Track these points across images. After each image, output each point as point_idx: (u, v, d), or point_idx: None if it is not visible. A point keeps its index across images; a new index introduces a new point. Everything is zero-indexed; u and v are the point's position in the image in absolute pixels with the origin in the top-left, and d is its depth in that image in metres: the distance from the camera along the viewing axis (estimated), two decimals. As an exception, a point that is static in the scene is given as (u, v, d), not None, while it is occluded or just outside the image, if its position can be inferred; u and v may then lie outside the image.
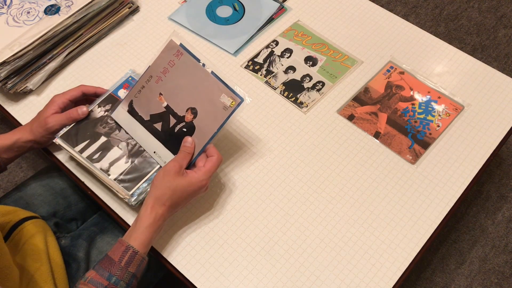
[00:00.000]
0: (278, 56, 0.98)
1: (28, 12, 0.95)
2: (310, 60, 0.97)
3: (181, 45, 0.76)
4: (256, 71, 0.96)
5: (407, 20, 1.05)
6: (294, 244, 0.77)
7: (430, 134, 0.88)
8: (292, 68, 0.96)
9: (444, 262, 1.31)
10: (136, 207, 0.78)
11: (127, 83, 0.85)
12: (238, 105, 0.72)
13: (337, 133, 0.88)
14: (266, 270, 0.74)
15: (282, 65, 0.96)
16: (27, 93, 0.93)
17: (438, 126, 0.89)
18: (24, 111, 0.91)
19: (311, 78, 0.95)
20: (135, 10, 1.04)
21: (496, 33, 1.74)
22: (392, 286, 0.73)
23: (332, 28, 1.02)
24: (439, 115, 0.90)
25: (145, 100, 0.78)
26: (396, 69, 0.96)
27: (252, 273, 0.74)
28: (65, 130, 0.80)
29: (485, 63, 0.98)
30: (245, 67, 0.96)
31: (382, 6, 1.07)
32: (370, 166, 0.84)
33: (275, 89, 0.93)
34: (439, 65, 0.97)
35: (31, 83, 0.91)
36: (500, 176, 1.44)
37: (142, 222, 0.68)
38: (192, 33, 1.02)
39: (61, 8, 0.94)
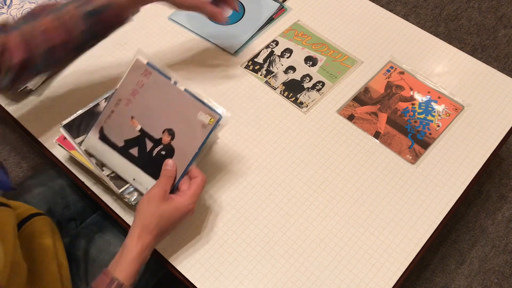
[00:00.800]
0: (278, 56, 0.98)
1: (28, 12, 0.95)
2: (310, 60, 0.97)
3: (148, 63, 0.72)
4: (256, 71, 0.96)
5: (407, 20, 1.05)
6: (294, 244, 0.77)
7: (430, 134, 0.88)
8: (292, 68, 0.96)
9: (444, 262, 1.31)
10: (136, 207, 0.78)
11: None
12: (217, 121, 0.70)
13: (337, 133, 0.88)
14: (266, 270, 0.74)
15: (282, 65, 0.96)
16: (27, 93, 0.93)
17: (438, 126, 0.89)
18: (24, 111, 0.91)
19: (311, 78, 0.95)
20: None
21: (496, 33, 1.74)
22: (392, 286, 0.73)
23: (332, 28, 1.02)
24: (439, 115, 0.90)
25: (116, 126, 0.74)
26: (396, 69, 0.96)
27: (252, 273, 0.74)
28: (68, 120, 0.80)
29: (485, 63, 0.98)
30: (245, 67, 0.96)
31: (382, 6, 1.07)
32: (370, 166, 0.84)
33: (275, 89, 0.93)
34: (439, 65, 0.97)
35: (31, 83, 0.91)
36: (500, 176, 1.44)
37: (128, 252, 0.65)
38: (192, 33, 1.02)
39: (61, 8, 0.94)
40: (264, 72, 0.95)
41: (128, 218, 0.79)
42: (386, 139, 0.87)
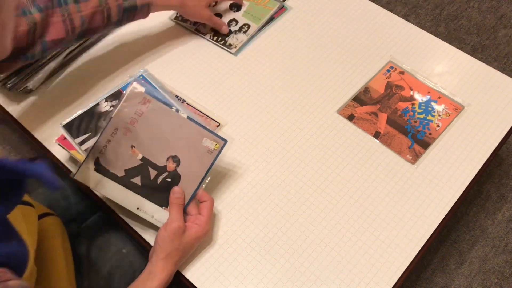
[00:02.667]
0: None
1: (28, 12, 0.95)
2: (235, 6, 1.04)
3: (146, 91, 0.72)
4: (185, 21, 1.02)
5: (407, 20, 1.05)
6: (294, 244, 0.77)
7: (430, 134, 0.88)
8: (218, 15, 1.03)
9: (444, 262, 1.31)
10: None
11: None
12: (223, 146, 0.72)
13: (337, 133, 0.88)
14: (266, 270, 0.74)
15: None
16: (27, 93, 0.93)
17: (438, 126, 0.89)
18: (24, 111, 0.91)
19: (237, 22, 1.02)
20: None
21: (496, 33, 1.74)
22: (392, 286, 0.73)
23: (332, 28, 1.02)
24: (439, 115, 0.90)
25: (114, 155, 0.72)
26: (396, 69, 0.96)
27: (252, 273, 0.74)
28: (69, 120, 0.80)
29: (485, 63, 0.98)
30: (174, 19, 1.03)
31: (382, 6, 1.07)
32: (370, 166, 0.84)
33: (204, 35, 1.00)
34: (439, 65, 0.97)
35: (31, 83, 0.91)
36: (500, 176, 1.44)
37: (153, 282, 0.67)
38: (192, 33, 1.02)
39: (61, 8, 0.94)
40: (193, 21, 1.02)
41: (128, 218, 0.79)
42: (386, 139, 0.87)
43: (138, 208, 0.73)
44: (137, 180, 0.72)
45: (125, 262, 0.82)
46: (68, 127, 0.80)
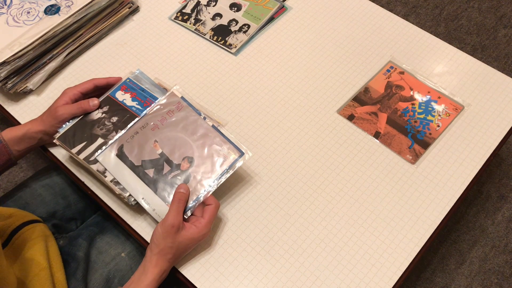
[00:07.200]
0: (204, 5, 1.04)
1: (28, 12, 0.95)
2: (235, 6, 1.04)
3: (182, 98, 0.79)
4: (185, 21, 1.02)
5: (407, 20, 1.05)
6: (294, 244, 0.77)
7: (430, 134, 0.88)
8: (218, 15, 1.03)
9: (444, 262, 1.31)
10: (136, 207, 0.78)
11: (124, 85, 0.85)
12: (238, 158, 0.75)
13: (337, 133, 0.88)
14: (266, 270, 0.74)
15: (209, 13, 1.03)
16: (27, 93, 0.93)
17: (438, 126, 0.89)
18: (24, 111, 0.91)
19: (237, 22, 1.02)
20: (135, 10, 1.05)
21: (496, 33, 1.74)
22: (392, 286, 0.73)
23: (332, 28, 1.02)
24: (439, 115, 0.90)
25: (137, 146, 0.77)
26: (396, 69, 0.96)
27: (252, 273, 0.74)
28: (62, 131, 0.80)
29: (485, 63, 0.98)
30: (174, 19, 1.03)
31: (382, 6, 1.07)
32: (370, 166, 0.84)
33: (204, 35, 1.00)
34: (439, 65, 0.97)
35: (31, 83, 0.91)
36: (500, 176, 1.44)
37: (146, 277, 0.68)
38: (192, 33, 1.02)
39: (61, 8, 0.94)
40: (193, 21, 1.03)
41: (128, 218, 0.79)
42: (386, 139, 0.87)
43: (143, 198, 0.75)
44: (150, 172, 0.75)
45: (124, 266, 0.81)
46: (63, 138, 0.79)
